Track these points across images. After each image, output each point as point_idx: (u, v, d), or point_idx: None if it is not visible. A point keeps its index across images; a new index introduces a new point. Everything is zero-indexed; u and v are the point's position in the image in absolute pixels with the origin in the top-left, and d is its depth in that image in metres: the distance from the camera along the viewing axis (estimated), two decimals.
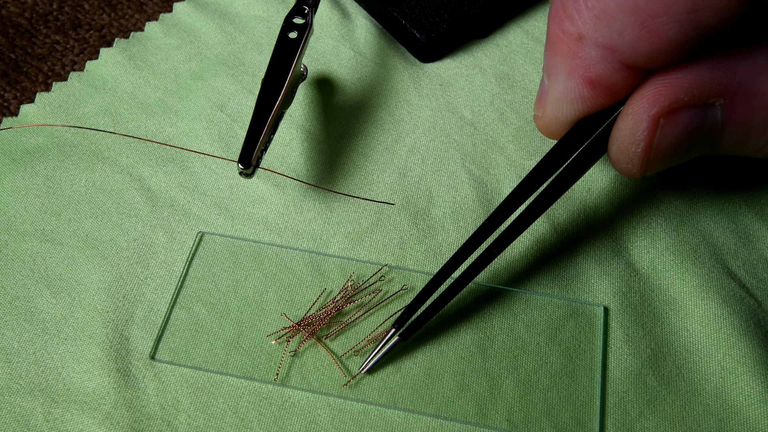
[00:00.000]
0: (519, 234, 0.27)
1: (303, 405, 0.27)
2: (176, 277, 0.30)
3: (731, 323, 0.28)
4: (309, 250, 0.31)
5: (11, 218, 0.32)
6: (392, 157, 0.34)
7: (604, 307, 0.29)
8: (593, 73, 0.24)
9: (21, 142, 0.34)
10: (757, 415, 0.27)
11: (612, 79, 0.24)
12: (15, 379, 0.28)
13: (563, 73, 0.25)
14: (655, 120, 0.23)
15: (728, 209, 0.32)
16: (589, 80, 0.24)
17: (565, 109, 0.26)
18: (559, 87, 0.25)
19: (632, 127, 0.24)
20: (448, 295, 0.27)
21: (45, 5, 0.40)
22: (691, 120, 0.23)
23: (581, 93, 0.25)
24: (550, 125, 0.27)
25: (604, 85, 0.24)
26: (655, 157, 0.24)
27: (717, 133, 0.24)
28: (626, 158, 0.25)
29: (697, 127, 0.23)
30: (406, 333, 0.27)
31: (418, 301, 0.27)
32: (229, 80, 0.37)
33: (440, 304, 0.27)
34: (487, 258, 0.27)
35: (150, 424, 0.27)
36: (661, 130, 0.23)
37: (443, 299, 0.27)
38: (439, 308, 0.27)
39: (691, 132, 0.23)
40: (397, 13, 0.37)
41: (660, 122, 0.23)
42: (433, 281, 0.27)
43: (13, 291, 0.30)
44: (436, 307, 0.27)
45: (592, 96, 0.25)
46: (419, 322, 0.27)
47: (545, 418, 0.27)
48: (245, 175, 0.29)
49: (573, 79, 0.24)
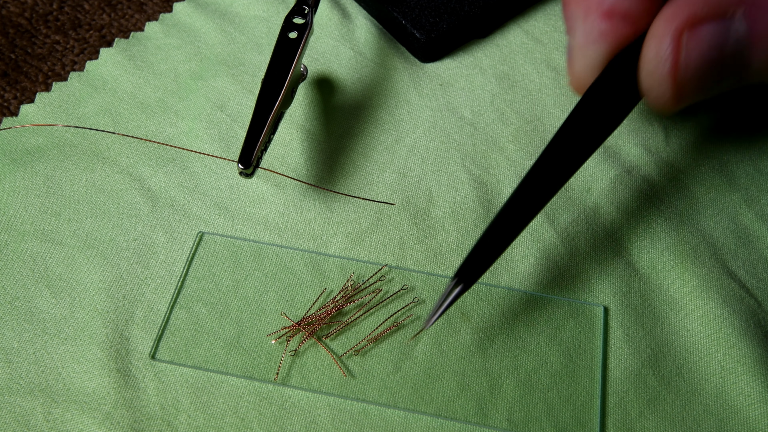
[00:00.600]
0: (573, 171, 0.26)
1: (303, 405, 0.27)
2: (176, 277, 0.30)
3: (731, 323, 0.28)
4: (309, 250, 0.31)
5: (11, 218, 0.32)
6: (392, 157, 0.34)
7: (604, 307, 0.29)
8: (606, 4, 0.24)
9: (21, 142, 0.34)
10: (757, 415, 0.27)
11: (625, 6, 0.24)
12: (15, 379, 0.28)
13: (580, 17, 0.25)
14: (678, 35, 0.23)
15: (728, 209, 0.32)
16: (605, 13, 0.24)
17: (590, 53, 0.25)
18: (579, 33, 0.25)
19: (656, 48, 0.23)
20: (505, 237, 0.25)
21: (45, 5, 0.40)
22: (714, 34, 0.23)
23: (600, 29, 0.25)
24: (581, 78, 0.27)
25: (621, 15, 0.24)
26: (684, 77, 0.24)
27: (745, 51, 0.23)
28: (657, 83, 0.24)
29: (722, 43, 0.23)
30: (467, 280, 0.25)
31: (478, 249, 0.25)
32: (229, 80, 0.37)
33: (498, 248, 0.25)
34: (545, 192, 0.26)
35: (150, 424, 0.27)
36: (685, 46, 0.23)
37: (501, 242, 0.25)
38: (497, 253, 0.25)
39: (716, 48, 0.23)
40: (397, 13, 0.37)
41: (683, 37, 0.23)
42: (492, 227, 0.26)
43: (13, 291, 0.30)
44: (495, 252, 0.25)
45: (612, 29, 0.25)
46: (480, 266, 0.25)
47: (545, 417, 0.27)
48: (245, 175, 0.29)
49: (589, 18, 0.25)
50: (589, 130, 0.26)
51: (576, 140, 0.26)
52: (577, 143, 0.26)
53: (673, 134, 0.34)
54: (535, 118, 0.35)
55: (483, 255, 0.25)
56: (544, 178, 0.26)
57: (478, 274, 0.25)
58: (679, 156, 0.34)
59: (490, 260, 0.25)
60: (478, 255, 0.25)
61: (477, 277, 0.25)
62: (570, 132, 0.26)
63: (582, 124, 0.26)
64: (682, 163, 0.33)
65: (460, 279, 0.25)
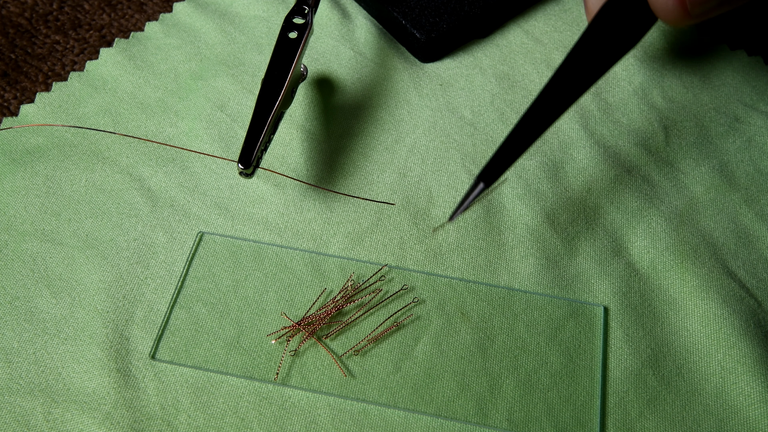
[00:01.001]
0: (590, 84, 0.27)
1: (303, 405, 0.27)
2: (176, 277, 0.30)
3: (731, 323, 0.28)
4: (309, 250, 0.31)
5: (11, 218, 0.32)
6: (392, 157, 0.34)
7: (604, 307, 0.29)
8: None
9: (21, 142, 0.34)
10: (757, 415, 0.27)
11: None
12: (15, 379, 0.28)
13: None
14: None
15: (728, 209, 0.32)
16: None
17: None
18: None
19: None
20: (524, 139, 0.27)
21: (45, 5, 0.40)
22: None
23: None
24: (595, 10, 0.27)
25: None
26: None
27: None
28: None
29: None
30: (488, 178, 0.27)
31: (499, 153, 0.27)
32: (229, 80, 0.37)
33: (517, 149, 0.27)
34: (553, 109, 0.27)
35: (150, 424, 0.27)
36: None
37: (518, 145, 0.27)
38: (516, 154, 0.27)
39: None
40: (397, 13, 0.37)
41: None
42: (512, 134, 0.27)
43: (13, 291, 0.30)
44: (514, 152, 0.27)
45: None
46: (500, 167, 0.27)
47: (546, 417, 0.27)
48: (245, 175, 0.29)
49: None
50: (605, 46, 0.28)
51: (595, 52, 0.27)
52: (597, 55, 0.27)
53: (673, 134, 0.34)
54: None
55: (503, 158, 0.27)
56: (562, 87, 0.27)
57: (498, 174, 0.27)
58: (679, 156, 0.34)
59: (509, 163, 0.27)
60: (498, 158, 0.27)
61: (497, 176, 0.27)
62: (589, 43, 0.28)
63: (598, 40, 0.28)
64: (682, 163, 0.33)
65: (482, 178, 0.26)
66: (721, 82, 0.36)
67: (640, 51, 0.38)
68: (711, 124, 0.35)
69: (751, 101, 0.36)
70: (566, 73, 0.28)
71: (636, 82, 0.36)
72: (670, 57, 0.37)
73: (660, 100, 0.36)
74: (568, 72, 0.28)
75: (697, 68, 0.37)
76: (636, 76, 0.37)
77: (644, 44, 0.38)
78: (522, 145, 0.27)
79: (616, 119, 0.35)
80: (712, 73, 0.37)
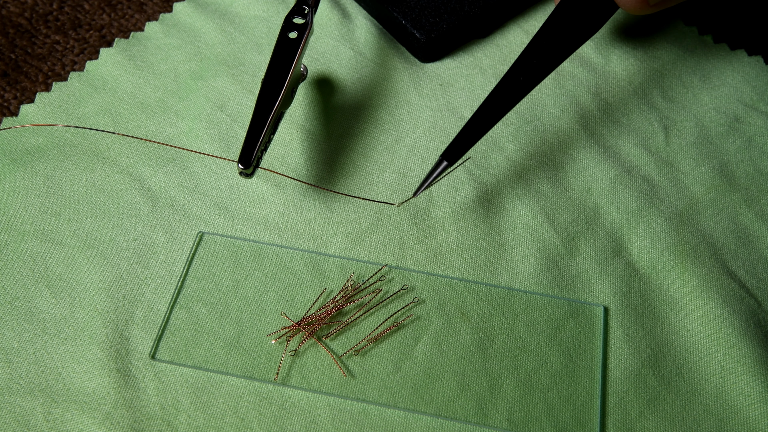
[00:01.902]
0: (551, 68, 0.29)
1: (303, 405, 0.27)
2: (176, 277, 0.30)
3: (731, 323, 0.28)
4: (309, 250, 0.31)
5: (11, 218, 0.32)
6: (392, 157, 0.34)
7: (604, 307, 0.29)
8: None
9: (21, 142, 0.34)
10: (757, 415, 0.27)
11: None
12: (15, 379, 0.28)
13: None
14: None
15: (728, 209, 0.32)
16: None
17: None
18: None
19: None
20: (485, 121, 0.29)
21: (45, 5, 0.40)
22: None
23: None
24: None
25: None
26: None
27: None
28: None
29: None
30: (451, 157, 0.28)
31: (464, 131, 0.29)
32: (229, 80, 0.37)
33: (479, 130, 0.29)
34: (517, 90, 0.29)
35: (150, 424, 0.27)
36: None
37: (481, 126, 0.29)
38: (478, 135, 0.29)
39: None
40: (397, 13, 0.37)
41: None
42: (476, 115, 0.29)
43: (13, 291, 0.30)
44: (476, 133, 0.29)
45: None
46: (463, 147, 0.29)
47: (546, 417, 0.27)
48: (245, 175, 0.29)
49: None
50: (569, 28, 0.30)
51: (557, 38, 0.30)
52: (558, 41, 0.29)
53: (673, 134, 0.34)
54: (535, 118, 0.35)
55: (466, 138, 0.29)
56: (525, 71, 0.29)
57: (460, 154, 0.29)
58: (679, 156, 0.34)
59: (471, 143, 0.29)
60: (461, 139, 0.29)
61: (460, 155, 0.29)
62: (551, 30, 0.30)
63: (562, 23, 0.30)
64: (682, 163, 0.33)
65: (445, 157, 0.28)
66: (721, 82, 0.36)
67: (640, 51, 0.38)
68: (711, 124, 0.35)
69: (751, 101, 0.36)
70: (529, 56, 0.29)
71: (636, 82, 0.36)
72: (670, 57, 0.37)
73: (660, 100, 0.36)
74: (531, 56, 0.29)
75: (697, 68, 0.37)
76: (636, 76, 0.37)
77: (644, 44, 0.38)
78: (484, 127, 0.29)
79: (616, 119, 0.35)
80: (712, 73, 0.37)
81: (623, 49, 0.38)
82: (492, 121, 0.29)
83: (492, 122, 0.29)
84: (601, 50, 0.38)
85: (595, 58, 0.37)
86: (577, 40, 0.30)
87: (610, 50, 0.38)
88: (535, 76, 0.29)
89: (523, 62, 0.29)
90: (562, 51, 0.30)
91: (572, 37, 0.30)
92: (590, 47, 0.38)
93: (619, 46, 0.38)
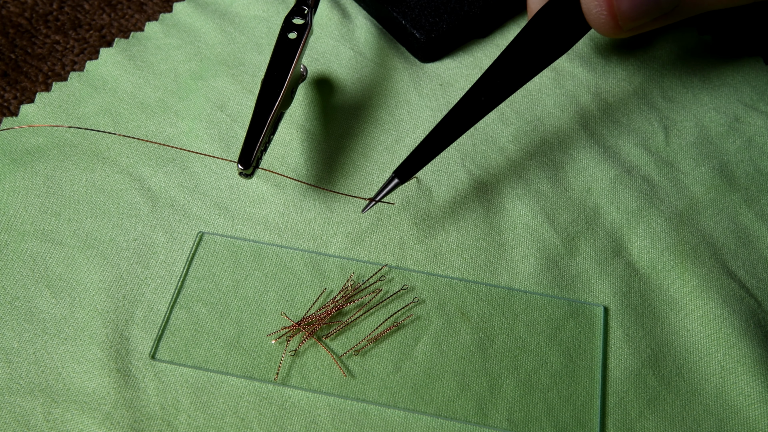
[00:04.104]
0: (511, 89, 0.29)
1: (303, 405, 0.27)
2: (176, 277, 0.30)
3: (731, 323, 0.28)
4: (309, 250, 0.31)
5: (11, 218, 0.32)
6: (392, 157, 0.34)
7: (604, 307, 0.29)
8: None
9: (21, 142, 0.34)
10: (757, 415, 0.27)
11: None
12: (15, 379, 0.28)
13: None
14: None
15: (728, 209, 0.32)
16: None
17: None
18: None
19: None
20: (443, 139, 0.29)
21: (45, 5, 0.40)
22: None
23: None
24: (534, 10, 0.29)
25: None
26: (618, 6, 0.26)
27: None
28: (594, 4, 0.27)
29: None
30: (404, 175, 0.28)
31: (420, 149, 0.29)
32: (229, 80, 0.37)
33: (434, 149, 0.29)
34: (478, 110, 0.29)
35: (150, 424, 0.27)
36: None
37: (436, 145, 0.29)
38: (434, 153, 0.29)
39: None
40: (397, 13, 0.37)
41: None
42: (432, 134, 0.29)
43: (13, 291, 0.30)
44: (432, 151, 0.29)
45: None
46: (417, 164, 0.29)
47: (546, 417, 0.27)
48: (245, 175, 0.29)
49: None
50: (538, 48, 0.29)
51: (524, 57, 0.29)
52: (526, 60, 0.29)
53: (673, 134, 0.34)
54: (535, 118, 0.35)
55: (421, 155, 0.29)
56: (488, 89, 0.29)
57: (413, 171, 0.29)
58: (679, 156, 0.34)
59: (425, 161, 0.29)
60: (415, 156, 0.29)
61: (413, 173, 0.29)
62: (519, 49, 0.29)
63: (531, 42, 0.29)
64: (682, 163, 0.33)
65: (398, 174, 0.28)
66: (721, 82, 0.36)
67: (640, 51, 0.38)
68: (711, 124, 0.35)
69: (751, 101, 0.36)
70: (493, 75, 0.29)
71: (636, 82, 0.36)
72: (670, 57, 0.37)
73: (660, 100, 0.36)
74: (495, 74, 0.29)
75: (697, 68, 0.37)
76: (636, 76, 0.37)
77: (644, 44, 0.38)
78: (440, 145, 0.29)
79: (616, 119, 0.35)
80: (712, 73, 0.37)
81: (623, 49, 0.38)
82: (449, 139, 0.28)
83: (449, 141, 0.28)
84: (601, 50, 0.38)
85: (595, 58, 0.37)
86: (545, 59, 0.29)
87: (610, 50, 0.38)
88: (497, 95, 0.29)
89: (486, 81, 0.29)
90: (529, 70, 0.29)
91: (541, 57, 0.29)
92: (590, 47, 0.38)
93: (619, 46, 0.38)
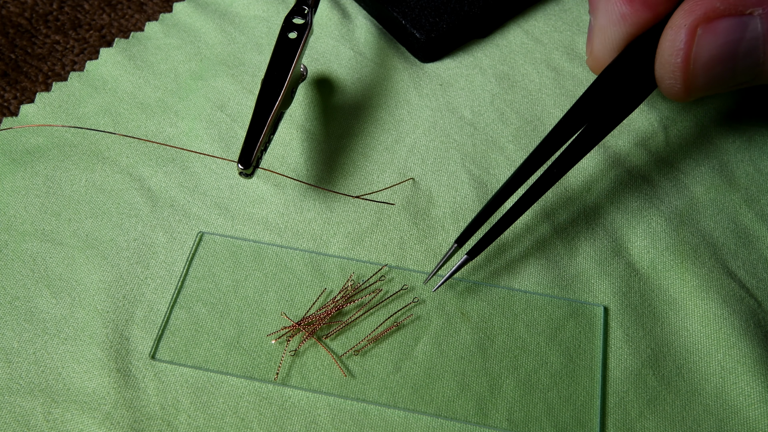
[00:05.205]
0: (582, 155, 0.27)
1: (303, 405, 0.27)
2: (176, 277, 0.30)
3: (731, 323, 0.28)
4: (309, 250, 0.31)
5: (11, 218, 0.32)
6: (392, 157, 0.34)
7: (604, 307, 0.29)
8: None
9: (21, 142, 0.34)
10: (757, 415, 0.27)
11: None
12: (15, 379, 0.28)
13: None
14: (693, 29, 0.23)
15: (728, 209, 0.32)
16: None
17: (610, 34, 0.26)
18: (601, 14, 0.26)
19: (671, 38, 0.24)
20: (511, 214, 0.27)
21: (45, 5, 0.40)
22: (729, 30, 0.23)
23: (621, 12, 0.26)
24: (599, 58, 0.27)
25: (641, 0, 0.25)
26: (695, 70, 0.24)
27: (760, 48, 0.23)
28: (668, 73, 0.25)
29: (737, 39, 0.23)
30: (472, 251, 0.28)
31: (480, 218, 0.27)
32: (229, 80, 0.37)
33: (505, 223, 0.27)
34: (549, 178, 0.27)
35: (150, 424, 0.27)
36: (698, 39, 0.23)
37: (507, 219, 0.27)
38: (503, 228, 0.27)
39: (730, 43, 0.23)
40: (397, 13, 0.37)
41: (698, 32, 0.23)
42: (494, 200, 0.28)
43: (13, 291, 0.30)
44: (500, 227, 0.27)
45: (632, 12, 0.26)
46: (485, 240, 0.27)
47: (545, 417, 0.27)
48: (245, 175, 0.29)
49: (612, 0, 0.26)
50: (604, 110, 0.27)
51: (591, 120, 0.27)
52: (592, 124, 0.27)
53: (673, 134, 0.34)
54: (535, 118, 0.35)
55: (490, 235, 0.27)
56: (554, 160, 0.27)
57: (483, 248, 0.28)
58: (679, 156, 0.34)
59: (494, 237, 0.28)
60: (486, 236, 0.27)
61: (481, 250, 0.28)
62: (583, 111, 0.27)
63: (597, 104, 0.27)
64: (682, 163, 0.33)
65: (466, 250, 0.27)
66: None
67: None
68: (711, 124, 0.35)
69: (751, 101, 0.35)
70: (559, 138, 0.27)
71: None
72: None
73: (660, 100, 0.36)
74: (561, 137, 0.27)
75: None
76: None
77: None
78: (511, 219, 0.27)
79: None
80: None
81: None
82: (520, 212, 0.27)
83: (519, 213, 0.27)
84: None
85: None
86: (615, 118, 0.27)
87: None
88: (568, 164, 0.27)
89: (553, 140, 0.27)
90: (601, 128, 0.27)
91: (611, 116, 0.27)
92: None
93: None
